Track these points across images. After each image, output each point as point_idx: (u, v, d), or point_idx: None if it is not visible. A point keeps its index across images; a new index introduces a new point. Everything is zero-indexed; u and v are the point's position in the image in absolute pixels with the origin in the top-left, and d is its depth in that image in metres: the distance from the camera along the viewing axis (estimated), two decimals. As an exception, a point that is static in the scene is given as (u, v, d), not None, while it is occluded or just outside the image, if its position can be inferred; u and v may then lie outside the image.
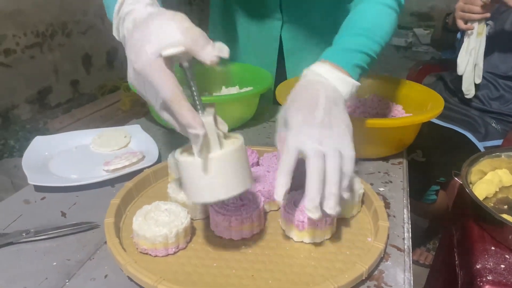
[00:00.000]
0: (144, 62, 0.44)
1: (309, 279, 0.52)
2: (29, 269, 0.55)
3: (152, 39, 0.45)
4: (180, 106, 0.45)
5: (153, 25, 0.45)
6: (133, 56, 0.46)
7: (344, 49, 0.66)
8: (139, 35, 0.46)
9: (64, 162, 0.83)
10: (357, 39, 0.68)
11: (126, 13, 0.52)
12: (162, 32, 0.45)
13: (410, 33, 5.16)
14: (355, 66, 0.65)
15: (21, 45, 2.50)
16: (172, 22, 0.45)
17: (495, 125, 1.38)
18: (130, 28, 0.50)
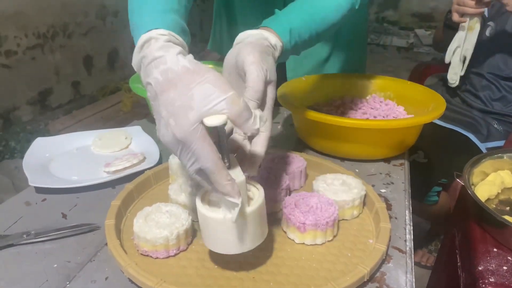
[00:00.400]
0: (186, 130, 0.43)
1: (311, 281, 0.52)
2: (29, 271, 0.55)
3: (195, 106, 0.43)
4: (221, 176, 0.44)
5: (195, 89, 0.44)
6: (172, 120, 0.43)
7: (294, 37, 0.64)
8: (179, 98, 0.44)
9: (65, 163, 0.82)
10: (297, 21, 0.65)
11: (153, 59, 0.47)
12: (206, 99, 0.43)
13: (411, 34, 5.16)
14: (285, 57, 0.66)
15: (22, 47, 2.50)
16: (216, 88, 0.43)
17: (497, 126, 1.38)
18: (161, 80, 0.46)
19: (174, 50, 0.48)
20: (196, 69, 0.46)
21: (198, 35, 4.14)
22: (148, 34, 0.50)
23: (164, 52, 0.47)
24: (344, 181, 0.68)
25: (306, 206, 0.60)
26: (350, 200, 0.63)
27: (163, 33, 0.50)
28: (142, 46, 0.50)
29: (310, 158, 0.78)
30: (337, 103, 0.99)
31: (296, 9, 0.67)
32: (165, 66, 0.46)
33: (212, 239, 0.51)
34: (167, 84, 0.45)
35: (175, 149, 0.45)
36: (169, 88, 0.45)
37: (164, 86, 0.45)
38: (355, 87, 1.02)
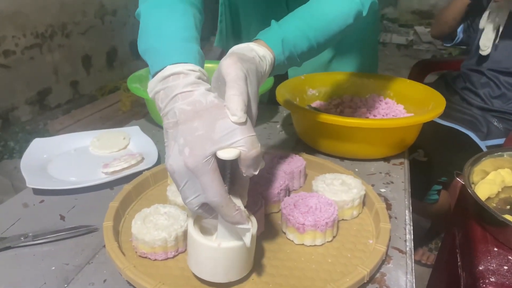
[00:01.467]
0: (199, 161, 0.43)
1: (310, 283, 0.52)
2: (27, 274, 0.54)
3: (215, 139, 0.43)
4: (229, 209, 0.44)
5: (219, 123, 0.44)
6: (187, 149, 0.43)
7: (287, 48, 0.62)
8: (202, 128, 0.44)
9: (63, 164, 0.82)
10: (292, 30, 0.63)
11: (181, 92, 0.47)
12: (228, 134, 0.43)
13: (411, 31, 5.16)
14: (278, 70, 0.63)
15: (21, 46, 2.50)
16: (240, 126, 0.44)
17: (497, 123, 1.37)
18: (187, 110, 0.46)
19: (203, 86, 0.48)
20: (223, 105, 0.46)
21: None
22: (177, 66, 0.49)
23: (194, 88, 0.47)
24: (344, 181, 0.67)
25: (305, 207, 0.59)
26: (349, 200, 0.63)
27: (193, 69, 0.50)
28: (167, 77, 0.49)
29: (309, 158, 0.78)
30: (336, 102, 0.99)
31: (293, 19, 0.65)
32: (193, 98, 0.46)
33: (200, 265, 0.50)
34: (193, 115, 0.45)
35: (181, 179, 0.44)
36: (194, 118, 0.45)
37: (189, 116, 0.45)
38: (354, 86, 1.02)
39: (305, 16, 0.66)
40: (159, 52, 0.52)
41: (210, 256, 0.48)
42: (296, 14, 0.66)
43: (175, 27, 0.56)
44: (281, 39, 0.61)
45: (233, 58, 0.50)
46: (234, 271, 0.50)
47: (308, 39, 0.64)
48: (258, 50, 0.57)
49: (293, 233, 0.58)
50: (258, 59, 0.56)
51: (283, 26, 0.63)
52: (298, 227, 0.57)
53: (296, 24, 0.64)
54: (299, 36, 0.63)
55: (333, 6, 0.67)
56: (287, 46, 0.61)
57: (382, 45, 4.85)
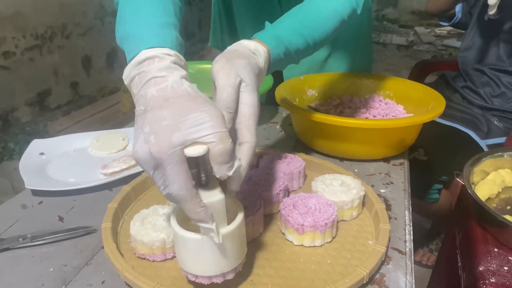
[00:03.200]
0: (165, 151, 0.40)
1: (310, 284, 0.51)
2: (25, 275, 0.54)
3: (182, 129, 0.41)
4: (193, 205, 0.42)
5: (190, 115, 0.42)
6: (152, 137, 0.41)
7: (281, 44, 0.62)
8: (169, 118, 0.42)
9: (62, 165, 0.82)
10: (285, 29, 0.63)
11: (154, 77, 0.45)
12: (197, 127, 0.41)
13: (411, 32, 5.16)
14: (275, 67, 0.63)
15: (21, 48, 2.50)
16: (211, 120, 0.42)
17: (497, 122, 1.37)
18: (155, 96, 0.44)
19: (178, 72, 0.46)
20: (197, 96, 0.44)
21: (197, 34, 4.13)
22: (152, 51, 0.48)
23: (168, 73, 0.46)
24: (343, 181, 0.67)
25: (305, 208, 0.59)
26: (349, 201, 0.63)
27: (169, 53, 0.48)
28: (142, 62, 0.47)
29: (308, 158, 0.78)
30: (335, 103, 0.98)
31: (287, 18, 0.66)
32: (165, 84, 0.45)
33: (188, 260, 0.48)
34: (161, 102, 0.43)
35: (147, 168, 0.43)
36: (162, 106, 0.43)
37: (157, 103, 0.43)
38: (354, 86, 1.02)
39: (299, 15, 0.66)
40: (135, 38, 0.51)
41: (195, 248, 0.46)
42: (290, 14, 0.67)
43: (152, 13, 0.54)
44: (274, 36, 0.61)
45: (221, 61, 0.50)
46: (223, 261, 0.47)
47: (303, 37, 0.64)
48: (248, 44, 0.57)
49: (292, 234, 0.58)
50: (249, 52, 0.55)
51: (277, 25, 0.64)
52: (297, 228, 0.57)
53: (289, 23, 0.65)
54: (293, 34, 0.63)
55: (327, 4, 0.68)
56: (282, 42, 0.61)
57: (382, 46, 4.86)
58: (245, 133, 0.48)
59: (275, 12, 0.99)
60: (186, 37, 3.87)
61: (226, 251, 0.47)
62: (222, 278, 0.49)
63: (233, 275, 0.49)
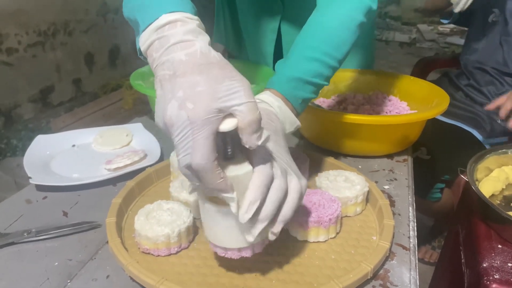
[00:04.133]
0: (203, 116, 0.40)
1: (314, 279, 0.52)
2: (30, 270, 0.54)
3: (218, 96, 0.40)
4: (213, 176, 0.42)
5: (224, 83, 0.41)
6: (190, 103, 0.40)
7: (296, 80, 0.61)
8: (204, 84, 0.41)
9: (66, 161, 0.82)
10: (312, 65, 0.62)
11: (180, 41, 0.44)
12: (232, 96, 0.41)
13: (414, 29, 5.14)
14: (303, 102, 0.62)
15: (23, 44, 2.50)
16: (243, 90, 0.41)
17: (500, 121, 1.36)
18: (185, 60, 0.42)
19: (205, 37, 0.45)
20: (226, 64, 0.44)
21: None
22: (173, 15, 0.45)
23: (194, 37, 0.44)
24: (347, 177, 0.67)
25: (309, 203, 0.59)
26: (353, 196, 0.63)
27: (192, 18, 0.46)
28: (163, 26, 0.45)
29: (312, 155, 0.78)
30: (339, 99, 0.98)
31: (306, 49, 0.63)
32: (193, 49, 0.43)
33: (218, 233, 0.48)
34: (192, 67, 0.42)
35: (177, 133, 0.41)
36: (194, 71, 0.41)
37: (188, 68, 0.42)
38: (357, 83, 1.02)
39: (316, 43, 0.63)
40: (151, 5, 0.48)
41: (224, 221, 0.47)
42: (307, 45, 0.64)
43: None
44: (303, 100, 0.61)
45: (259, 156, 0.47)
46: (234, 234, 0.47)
47: (327, 65, 0.63)
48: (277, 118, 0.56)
49: (296, 229, 0.58)
50: (276, 124, 0.54)
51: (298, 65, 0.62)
52: (301, 223, 0.57)
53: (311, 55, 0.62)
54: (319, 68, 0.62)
55: (339, 16, 0.65)
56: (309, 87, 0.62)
57: (385, 43, 4.84)
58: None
59: (277, 8, 0.99)
60: (189, 34, 3.83)
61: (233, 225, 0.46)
62: (251, 251, 0.49)
63: (262, 247, 0.49)
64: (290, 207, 0.46)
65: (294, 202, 0.47)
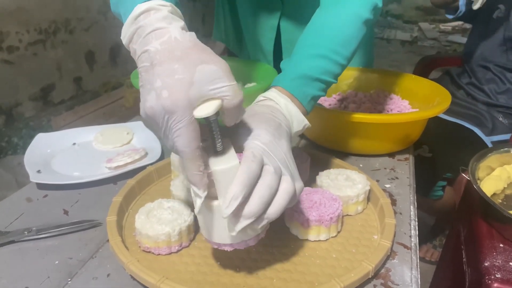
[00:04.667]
0: (180, 105, 0.40)
1: (314, 278, 0.51)
2: (31, 268, 0.54)
3: (197, 82, 0.40)
4: (192, 165, 0.42)
5: (200, 67, 0.41)
6: (166, 92, 0.40)
7: (303, 77, 0.60)
8: (181, 71, 0.40)
9: (66, 159, 0.82)
10: (318, 62, 0.61)
11: (154, 29, 0.44)
12: (212, 81, 0.41)
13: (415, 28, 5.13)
14: (311, 99, 0.60)
15: (24, 42, 2.50)
16: (223, 73, 0.41)
17: (502, 119, 1.36)
18: (160, 49, 0.42)
19: (178, 23, 0.45)
20: (203, 47, 0.43)
21: (200, 29, 4.12)
22: (146, 4, 0.46)
23: (167, 24, 0.44)
24: (348, 176, 0.67)
25: (310, 202, 0.59)
26: (354, 195, 0.62)
27: (164, 4, 0.46)
28: (138, 16, 0.46)
29: (313, 153, 0.77)
30: (340, 98, 0.98)
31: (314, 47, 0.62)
32: (167, 36, 0.43)
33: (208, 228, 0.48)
34: (168, 55, 0.42)
35: (157, 124, 0.42)
36: (170, 59, 0.41)
37: (164, 57, 0.42)
38: (359, 81, 1.01)
39: (323, 41, 0.62)
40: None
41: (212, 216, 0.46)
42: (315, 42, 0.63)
43: None
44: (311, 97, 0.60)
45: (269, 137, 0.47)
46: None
47: (335, 62, 0.62)
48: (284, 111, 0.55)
49: (297, 228, 0.58)
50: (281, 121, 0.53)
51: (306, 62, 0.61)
52: (302, 222, 0.57)
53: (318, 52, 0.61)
54: (326, 65, 0.61)
55: (347, 13, 0.64)
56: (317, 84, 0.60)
57: (386, 42, 4.83)
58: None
59: (276, 5, 0.99)
60: (189, 33, 3.84)
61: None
62: (245, 244, 0.48)
63: (255, 241, 0.49)
64: (277, 207, 0.44)
65: (281, 203, 0.44)
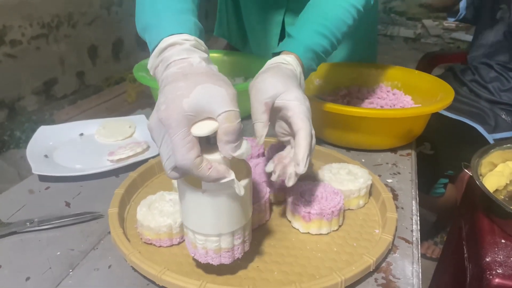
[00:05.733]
0: (174, 117, 0.40)
1: (316, 271, 0.51)
2: (32, 259, 0.54)
3: (192, 95, 0.41)
4: (201, 171, 0.41)
5: (203, 85, 0.42)
6: (164, 106, 0.41)
7: (312, 51, 0.64)
8: (184, 88, 0.42)
9: (69, 152, 0.82)
10: (322, 41, 0.66)
11: (176, 60, 0.47)
12: (208, 98, 0.41)
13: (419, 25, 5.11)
14: (310, 70, 0.66)
15: (27, 36, 2.50)
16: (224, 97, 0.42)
17: (505, 116, 1.36)
18: (174, 71, 0.45)
19: (198, 54, 0.48)
20: (216, 74, 0.45)
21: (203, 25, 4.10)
22: (172, 38, 0.49)
23: (188, 55, 0.47)
24: (350, 170, 0.67)
25: (311, 196, 0.59)
26: (356, 189, 0.62)
27: (188, 38, 0.49)
28: (164, 49, 0.49)
29: (315, 148, 0.77)
30: (343, 93, 0.98)
31: (308, 22, 0.67)
32: (187, 63, 0.46)
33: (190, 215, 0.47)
34: (179, 76, 0.44)
35: (157, 137, 0.43)
36: (179, 79, 0.43)
37: (175, 77, 0.44)
38: (361, 77, 1.01)
39: (318, 17, 0.67)
40: (154, 27, 0.52)
41: (196, 203, 0.46)
42: (309, 17, 0.68)
43: (169, 0, 0.54)
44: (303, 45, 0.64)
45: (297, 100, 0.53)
46: (223, 221, 0.46)
47: (327, 38, 0.66)
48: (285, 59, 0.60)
49: (299, 221, 0.58)
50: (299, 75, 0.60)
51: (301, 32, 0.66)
52: (304, 215, 0.57)
53: (312, 27, 0.66)
54: (318, 38, 0.65)
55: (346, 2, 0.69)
56: (310, 49, 0.64)
57: (390, 38, 4.81)
58: (300, 121, 0.51)
59: (282, 1, 0.98)
60: (192, 28, 3.83)
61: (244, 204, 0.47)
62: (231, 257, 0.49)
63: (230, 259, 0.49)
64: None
65: None
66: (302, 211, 0.57)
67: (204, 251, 0.48)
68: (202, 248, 0.48)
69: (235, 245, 0.49)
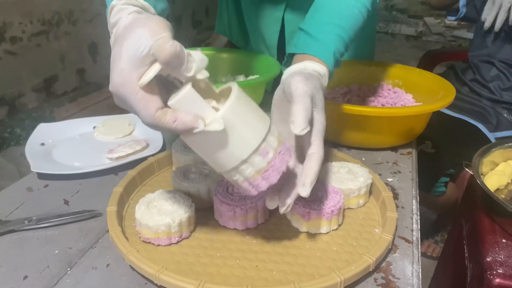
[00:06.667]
0: (118, 82, 0.40)
1: (315, 271, 0.51)
2: (30, 257, 0.54)
3: (123, 54, 0.40)
4: (165, 125, 0.41)
5: (128, 37, 0.40)
6: (110, 76, 0.41)
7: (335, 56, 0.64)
8: (116, 52, 0.41)
9: (68, 150, 0.82)
10: (341, 45, 0.65)
11: (113, 25, 0.46)
12: (136, 44, 0.40)
13: (420, 22, 5.10)
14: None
15: (27, 33, 2.49)
16: (148, 32, 0.40)
17: (506, 115, 1.35)
18: (111, 42, 0.45)
19: (128, 10, 0.46)
20: (140, 18, 0.43)
21: (204, 22, 4.10)
22: (111, 4, 0.48)
23: (120, 15, 0.46)
24: (350, 169, 0.66)
25: (311, 194, 0.58)
26: (356, 188, 0.62)
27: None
28: (108, 18, 0.49)
29: (315, 146, 0.77)
30: (343, 91, 0.97)
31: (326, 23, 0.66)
32: (117, 26, 0.44)
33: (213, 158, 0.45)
34: (112, 45, 0.43)
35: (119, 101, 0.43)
36: (112, 48, 0.43)
37: (112, 47, 0.44)
38: (362, 75, 1.01)
39: (334, 17, 0.66)
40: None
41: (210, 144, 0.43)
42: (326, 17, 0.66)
43: None
44: (332, 53, 0.63)
45: (301, 76, 0.52)
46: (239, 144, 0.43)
47: (343, 41, 0.65)
48: (319, 69, 0.60)
49: (298, 220, 0.58)
50: (319, 76, 0.58)
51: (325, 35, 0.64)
52: (303, 214, 0.56)
53: (331, 29, 0.65)
54: (339, 41, 0.65)
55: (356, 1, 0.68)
56: (335, 56, 0.64)
57: (391, 36, 4.80)
58: (316, 144, 0.51)
59: None
60: (193, 25, 3.85)
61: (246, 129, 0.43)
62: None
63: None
64: None
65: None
66: (301, 210, 0.56)
67: (259, 177, 0.45)
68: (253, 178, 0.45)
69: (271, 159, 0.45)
